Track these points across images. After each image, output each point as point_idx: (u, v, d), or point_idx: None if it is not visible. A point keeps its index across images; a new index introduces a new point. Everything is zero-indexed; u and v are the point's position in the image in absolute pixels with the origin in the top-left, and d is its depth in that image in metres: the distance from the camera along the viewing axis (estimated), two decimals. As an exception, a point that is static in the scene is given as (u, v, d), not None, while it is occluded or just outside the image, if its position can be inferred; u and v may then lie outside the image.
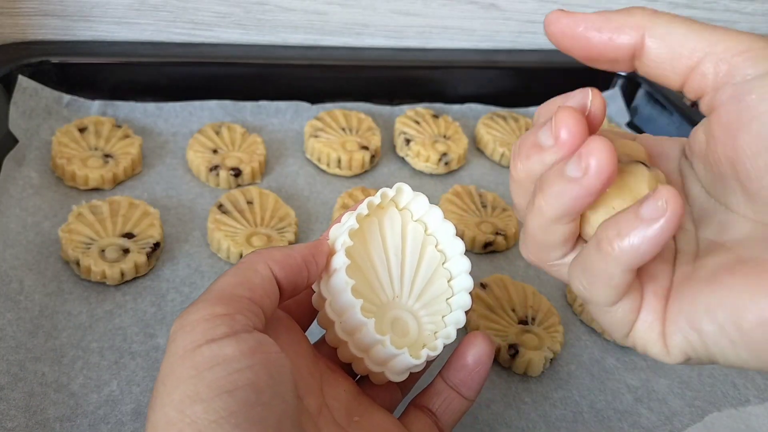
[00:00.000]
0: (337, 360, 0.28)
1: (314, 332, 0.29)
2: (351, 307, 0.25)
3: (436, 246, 0.29)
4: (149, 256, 0.39)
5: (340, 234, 0.27)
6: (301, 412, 0.22)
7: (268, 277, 0.24)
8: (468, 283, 0.28)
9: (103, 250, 0.38)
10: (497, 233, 0.45)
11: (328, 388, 0.26)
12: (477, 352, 0.28)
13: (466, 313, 0.28)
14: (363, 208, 0.27)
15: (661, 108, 0.60)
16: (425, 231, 0.29)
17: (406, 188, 0.28)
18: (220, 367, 0.20)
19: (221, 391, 0.19)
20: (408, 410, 0.29)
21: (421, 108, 0.56)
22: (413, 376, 0.29)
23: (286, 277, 0.24)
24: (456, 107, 0.59)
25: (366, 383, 0.28)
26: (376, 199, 0.27)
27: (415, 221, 0.29)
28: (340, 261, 0.26)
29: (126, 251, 0.38)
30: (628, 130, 0.61)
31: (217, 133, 0.49)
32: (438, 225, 0.28)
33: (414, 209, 0.29)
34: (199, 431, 0.19)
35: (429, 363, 0.29)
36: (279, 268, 0.24)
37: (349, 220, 0.27)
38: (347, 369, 0.28)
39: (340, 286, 0.25)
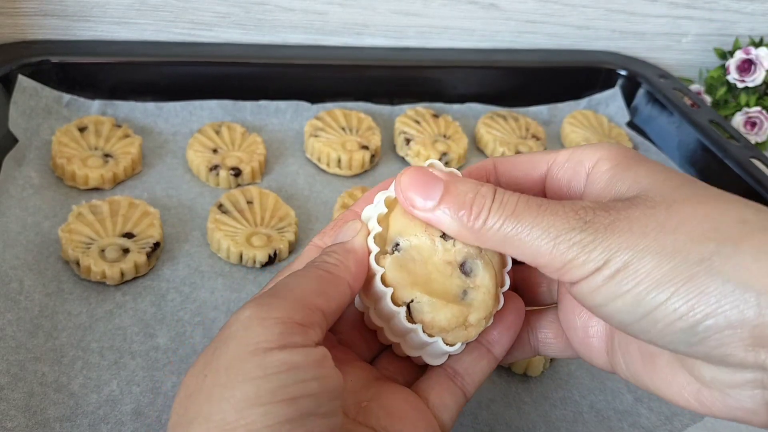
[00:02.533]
0: (347, 345, 0.28)
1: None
2: (383, 295, 0.25)
3: None
4: (149, 255, 0.39)
5: (369, 218, 0.26)
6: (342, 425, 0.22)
7: (344, 294, 0.24)
8: (506, 261, 0.27)
9: (103, 250, 0.38)
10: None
11: None
12: (516, 308, 0.28)
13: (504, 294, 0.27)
14: (392, 190, 0.26)
15: (660, 108, 0.60)
16: None
17: (438, 164, 0.26)
18: (287, 374, 0.20)
19: (284, 397, 0.19)
20: (429, 373, 0.28)
21: (421, 108, 0.56)
22: None
23: (357, 288, 0.25)
24: (456, 107, 0.59)
25: (386, 360, 0.28)
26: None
27: None
28: (371, 245, 0.25)
29: (126, 251, 0.38)
30: (628, 130, 0.61)
31: (217, 132, 0.49)
32: None
33: None
34: None
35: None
36: (353, 280, 0.24)
37: (378, 204, 0.26)
38: (360, 351, 0.28)
39: (370, 273, 0.25)
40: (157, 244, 0.39)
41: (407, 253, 0.25)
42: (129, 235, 0.40)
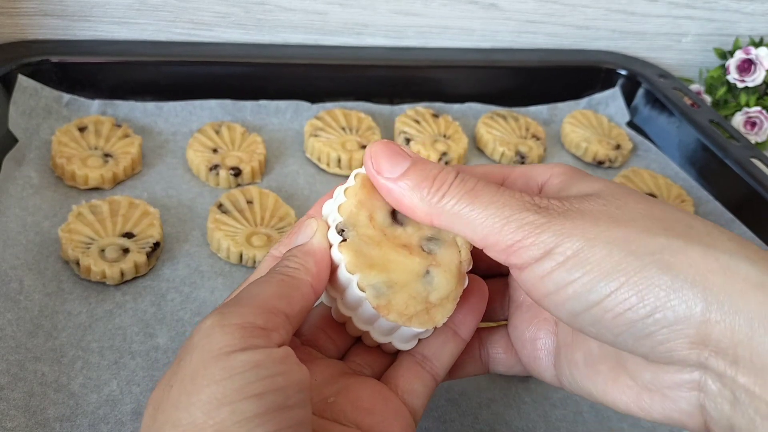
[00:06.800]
0: (312, 346, 0.28)
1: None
2: (349, 283, 0.25)
3: None
4: (149, 255, 0.39)
5: (330, 211, 0.26)
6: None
7: (308, 296, 0.24)
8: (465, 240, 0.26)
9: (103, 250, 0.38)
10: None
11: None
12: (479, 289, 0.28)
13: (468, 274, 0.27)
14: (351, 180, 0.26)
15: (660, 107, 0.60)
16: None
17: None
18: (251, 372, 0.20)
19: (251, 394, 0.20)
20: (399, 360, 0.28)
21: (421, 107, 0.56)
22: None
23: (321, 289, 0.25)
24: (456, 107, 0.59)
25: (354, 354, 0.28)
26: (362, 170, 0.26)
27: None
28: (332, 238, 0.25)
29: (126, 251, 0.38)
30: (628, 130, 0.61)
31: (217, 132, 0.49)
32: None
33: None
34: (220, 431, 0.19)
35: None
36: (316, 282, 0.24)
37: (337, 198, 0.26)
38: (326, 351, 0.28)
39: (334, 264, 0.25)
40: (157, 244, 0.39)
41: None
42: (129, 235, 0.40)
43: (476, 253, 0.28)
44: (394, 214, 0.26)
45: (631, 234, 0.21)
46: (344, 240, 0.25)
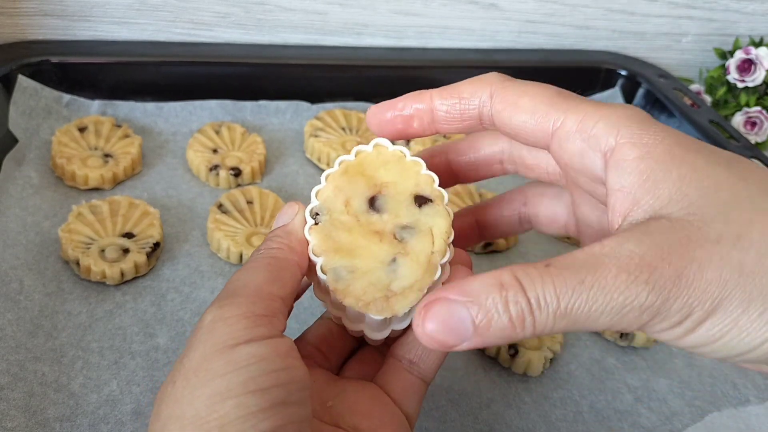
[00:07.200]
0: (308, 350, 0.28)
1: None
2: (315, 266, 0.25)
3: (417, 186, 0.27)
4: (149, 255, 0.39)
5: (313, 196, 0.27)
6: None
7: (296, 275, 0.24)
8: (450, 231, 0.26)
9: (103, 250, 0.38)
10: (497, 233, 0.45)
11: None
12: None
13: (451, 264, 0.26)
14: (335, 166, 0.27)
15: (660, 108, 0.60)
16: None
17: (384, 142, 0.27)
18: (255, 366, 0.20)
19: (255, 388, 0.20)
20: (387, 366, 0.27)
21: (421, 108, 0.56)
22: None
23: (305, 267, 0.25)
24: (456, 107, 0.59)
25: (348, 366, 0.28)
26: (349, 157, 0.27)
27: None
28: (308, 220, 0.26)
29: (126, 251, 0.38)
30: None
31: (217, 132, 0.49)
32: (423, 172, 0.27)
33: None
34: (224, 425, 0.19)
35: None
36: (301, 260, 0.25)
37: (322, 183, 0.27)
38: (320, 356, 0.28)
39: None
40: (157, 244, 0.39)
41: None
42: (129, 235, 0.40)
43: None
44: (372, 201, 0.26)
45: (760, 283, 0.19)
46: (316, 224, 0.25)
